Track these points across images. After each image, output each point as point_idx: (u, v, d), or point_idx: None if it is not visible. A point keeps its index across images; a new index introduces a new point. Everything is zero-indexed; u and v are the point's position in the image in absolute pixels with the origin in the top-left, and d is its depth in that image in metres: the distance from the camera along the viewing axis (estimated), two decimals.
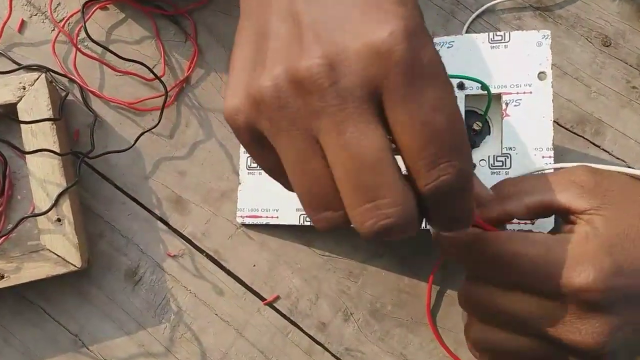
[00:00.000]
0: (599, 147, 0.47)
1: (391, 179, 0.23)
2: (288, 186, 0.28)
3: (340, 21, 0.23)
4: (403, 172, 0.24)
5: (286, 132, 0.24)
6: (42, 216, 0.45)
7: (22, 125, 0.46)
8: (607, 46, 0.48)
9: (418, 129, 0.23)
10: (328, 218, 0.25)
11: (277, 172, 0.27)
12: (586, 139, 0.47)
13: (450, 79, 0.42)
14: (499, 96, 0.43)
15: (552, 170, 0.39)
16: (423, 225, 0.42)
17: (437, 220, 0.26)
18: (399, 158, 0.24)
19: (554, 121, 0.43)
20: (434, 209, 0.25)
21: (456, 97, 0.25)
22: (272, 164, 0.27)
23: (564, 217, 0.33)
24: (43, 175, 0.46)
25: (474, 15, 0.48)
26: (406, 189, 0.24)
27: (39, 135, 0.46)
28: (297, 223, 0.46)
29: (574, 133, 0.47)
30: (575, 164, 0.35)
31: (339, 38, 0.23)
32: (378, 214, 0.23)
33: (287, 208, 0.47)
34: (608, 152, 0.46)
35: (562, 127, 0.47)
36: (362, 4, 0.23)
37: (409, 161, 0.24)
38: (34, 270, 0.46)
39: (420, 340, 0.47)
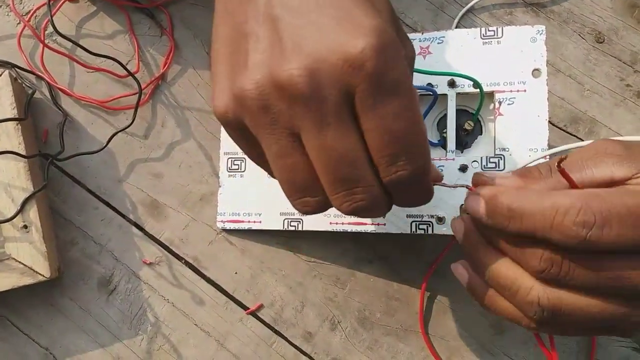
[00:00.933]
0: None
1: (363, 172, 0.28)
2: (272, 175, 0.31)
3: (318, 32, 0.26)
4: None
5: (269, 130, 0.28)
6: (7, 223, 0.43)
7: None
8: (601, 42, 0.46)
9: (381, 133, 0.27)
10: (306, 202, 0.30)
11: (263, 162, 0.31)
12: (580, 138, 0.45)
13: (440, 76, 0.40)
14: (491, 94, 0.41)
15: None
16: (413, 230, 0.41)
17: (398, 202, 0.31)
18: None
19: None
20: (395, 194, 0.30)
21: (417, 102, 0.27)
22: (258, 155, 0.30)
23: None
24: (7, 180, 0.43)
25: (464, 10, 0.46)
26: (374, 180, 0.28)
27: (2, 137, 0.43)
28: (281, 228, 0.44)
29: (567, 132, 0.45)
30: (588, 142, 0.32)
31: (317, 50, 0.25)
32: (353, 198, 0.28)
33: (271, 212, 0.44)
34: None
35: (555, 126, 0.45)
36: (337, 14, 0.26)
37: (374, 158, 0.28)
38: None
39: (411, 349, 0.45)
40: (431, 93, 0.41)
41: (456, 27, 0.47)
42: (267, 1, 0.27)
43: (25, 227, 0.43)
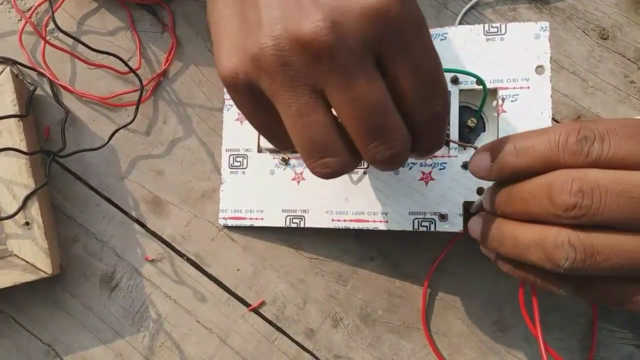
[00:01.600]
0: None
1: (395, 119, 0.28)
2: (280, 144, 0.31)
3: None
4: None
5: (289, 88, 0.27)
6: (9, 220, 0.43)
7: None
8: (605, 39, 0.46)
9: (415, 75, 0.27)
10: (327, 162, 0.29)
11: (272, 130, 0.30)
12: None
13: (444, 73, 0.40)
14: (494, 91, 0.41)
15: None
16: (415, 227, 0.41)
17: (420, 147, 0.31)
18: None
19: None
20: (422, 137, 0.30)
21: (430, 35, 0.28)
22: (267, 121, 0.30)
23: None
24: (9, 176, 0.43)
25: (467, 6, 0.46)
26: (404, 126, 0.28)
27: (4, 133, 0.43)
28: (283, 225, 0.44)
29: None
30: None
31: (337, 1, 0.25)
32: (387, 146, 0.28)
33: (273, 209, 0.44)
34: None
35: (559, 123, 0.45)
36: None
37: (407, 102, 0.28)
38: (0, 278, 0.43)
39: (413, 345, 0.45)
40: None
41: (459, 24, 0.46)
42: None
43: (27, 223, 0.43)
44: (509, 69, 0.41)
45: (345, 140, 0.28)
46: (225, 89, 0.43)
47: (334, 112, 0.28)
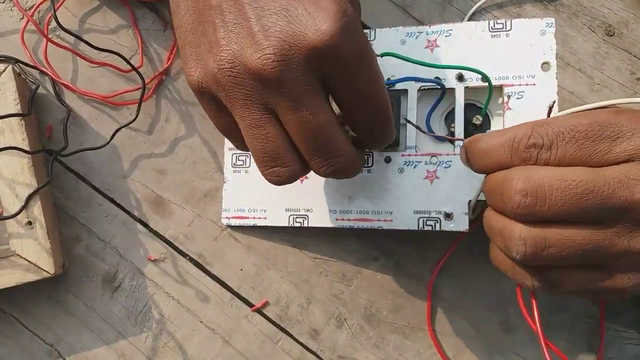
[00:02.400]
0: None
1: (338, 138, 0.31)
2: (240, 146, 0.34)
3: (284, 16, 0.28)
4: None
5: (243, 104, 0.30)
6: (11, 219, 0.42)
7: None
8: (611, 35, 0.45)
9: (357, 101, 0.30)
10: (277, 172, 0.32)
11: (231, 133, 0.33)
12: None
13: (448, 70, 0.40)
14: (500, 88, 0.41)
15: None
16: (420, 226, 0.40)
17: (370, 146, 0.35)
18: None
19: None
20: (369, 140, 0.34)
21: (375, 58, 0.31)
22: (227, 125, 0.32)
23: None
24: (11, 176, 0.43)
25: (476, 6, 0.46)
26: (348, 142, 0.32)
27: (6, 132, 0.42)
28: (286, 224, 0.44)
29: None
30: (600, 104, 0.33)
31: (285, 36, 0.27)
32: (330, 162, 0.31)
33: (276, 208, 0.44)
34: None
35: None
36: None
37: (351, 120, 0.32)
38: (3, 278, 0.43)
39: (418, 346, 0.44)
40: (439, 87, 0.40)
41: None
42: None
43: (30, 223, 0.43)
44: (515, 66, 0.40)
45: (295, 152, 0.32)
46: None
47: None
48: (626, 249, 0.29)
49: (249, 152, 0.44)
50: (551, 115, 0.33)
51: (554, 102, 0.31)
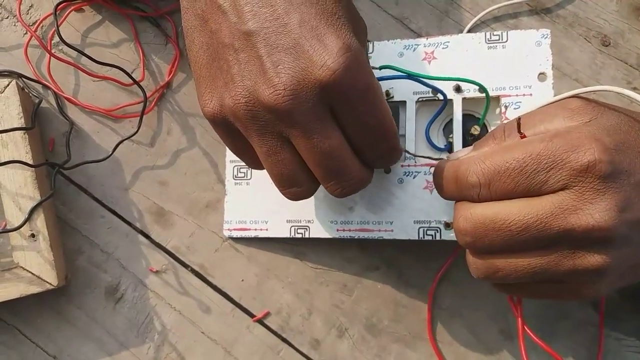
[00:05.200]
0: None
1: (349, 162, 0.32)
2: (253, 166, 0.36)
3: (293, 54, 0.29)
4: None
5: (259, 134, 0.32)
6: (15, 232, 0.43)
7: None
8: (607, 46, 0.46)
9: (360, 129, 0.32)
10: (294, 192, 0.34)
11: (245, 155, 0.35)
12: None
13: (446, 82, 0.40)
14: (497, 99, 0.41)
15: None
16: (421, 236, 0.41)
17: (378, 167, 0.36)
18: None
19: None
20: (377, 163, 0.35)
21: (381, 91, 0.32)
22: (242, 149, 0.35)
23: None
24: (15, 189, 0.43)
25: (475, 19, 0.46)
26: (358, 165, 0.33)
27: (9, 146, 0.43)
28: (288, 235, 0.44)
29: None
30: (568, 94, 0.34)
31: (295, 73, 0.29)
32: (343, 185, 0.33)
33: (277, 220, 0.44)
34: None
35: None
36: (308, 35, 0.29)
37: (357, 147, 0.33)
38: (6, 290, 0.43)
39: (419, 355, 0.44)
40: (438, 98, 0.41)
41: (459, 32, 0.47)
42: (238, 13, 0.30)
43: (33, 235, 0.43)
44: (511, 77, 0.41)
45: (309, 172, 0.33)
46: None
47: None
48: (572, 269, 0.30)
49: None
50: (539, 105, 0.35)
51: (519, 119, 0.32)
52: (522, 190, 0.30)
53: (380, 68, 0.37)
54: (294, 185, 0.34)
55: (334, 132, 0.31)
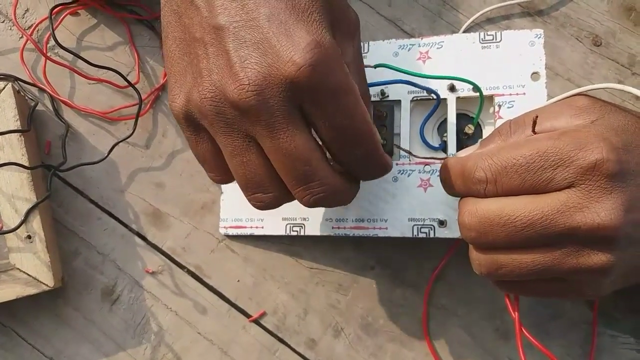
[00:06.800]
0: None
1: (319, 167, 0.30)
2: (214, 176, 0.35)
3: (260, 49, 0.28)
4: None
5: (225, 132, 0.31)
6: (11, 233, 0.43)
7: None
8: (598, 46, 0.46)
9: (330, 130, 0.30)
10: (259, 198, 0.33)
11: (206, 161, 0.34)
12: None
13: (440, 81, 0.40)
14: (491, 98, 0.41)
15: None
16: (415, 233, 0.41)
17: (362, 178, 0.35)
18: None
19: None
20: (356, 174, 0.34)
21: (357, 93, 0.30)
22: (203, 153, 0.33)
23: None
24: (11, 190, 0.43)
25: (469, 21, 0.47)
26: (330, 172, 0.31)
27: (5, 148, 0.43)
28: (283, 233, 0.44)
29: None
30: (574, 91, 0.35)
31: (261, 68, 0.28)
32: (311, 192, 0.31)
33: (273, 217, 0.44)
34: None
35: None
36: (277, 30, 0.28)
37: (329, 150, 0.32)
38: (3, 291, 0.43)
39: (415, 354, 0.44)
40: (432, 97, 0.41)
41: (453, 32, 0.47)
42: (209, 8, 0.30)
43: (29, 237, 0.43)
44: (505, 76, 0.41)
45: (277, 179, 0.32)
46: None
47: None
48: (576, 267, 0.30)
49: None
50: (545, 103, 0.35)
51: (536, 117, 0.32)
52: (529, 186, 0.30)
53: (375, 67, 0.38)
54: (260, 191, 0.32)
55: (301, 133, 0.30)
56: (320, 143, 0.32)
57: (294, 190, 0.32)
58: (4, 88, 0.44)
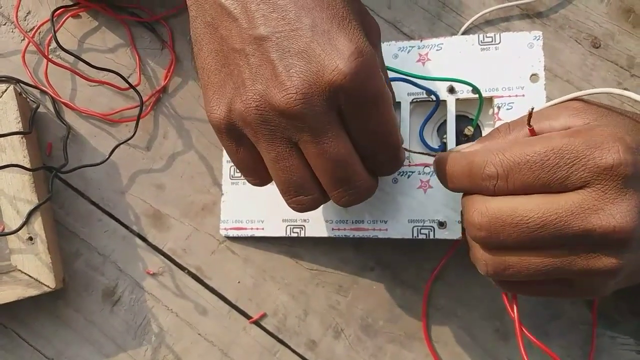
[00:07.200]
0: None
1: (356, 169, 0.32)
2: (252, 180, 0.36)
3: (304, 57, 0.29)
4: None
5: (269, 139, 0.31)
6: (13, 235, 0.43)
7: None
8: (597, 47, 0.47)
9: (367, 135, 0.32)
10: (301, 200, 0.34)
11: (247, 167, 0.35)
12: None
13: (440, 83, 0.41)
14: (490, 100, 0.42)
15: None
16: (415, 234, 0.41)
17: (380, 175, 0.36)
18: None
19: None
20: (380, 170, 0.35)
21: (391, 101, 0.32)
22: (244, 160, 0.34)
23: None
24: (13, 192, 0.43)
25: (468, 23, 0.47)
26: (365, 173, 0.33)
27: (7, 150, 0.43)
28: (283, 235, 0.44)
29: None
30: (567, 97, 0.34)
31: (306, 76, 0.29)
32: (350, 192, 0.33)
33: (273, 219, 0.45)
34: None
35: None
36: (320, 39, 0.29)
37: (363, 153, 0.33)
38: (4, 293, 0.43)
39: (415, 355, 0.45)
40: (432, 99, 0.41)
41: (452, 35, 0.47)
42: (249, 19, 0.30)
43: (31, 238, 0.43)
44: (504, 78, 0.41)
45: (317, 181, 0.33)
46: None
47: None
48: (585, 269, 0.29)
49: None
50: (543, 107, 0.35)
51: (532, 109, 0.31)
52: (542, 184, 0.29)
53: None
54: (301, 193, 0.33)
55: (343, 138, 0.31)
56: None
57: (333, 192, 0.33)
58: (5, 90, 0.44)
